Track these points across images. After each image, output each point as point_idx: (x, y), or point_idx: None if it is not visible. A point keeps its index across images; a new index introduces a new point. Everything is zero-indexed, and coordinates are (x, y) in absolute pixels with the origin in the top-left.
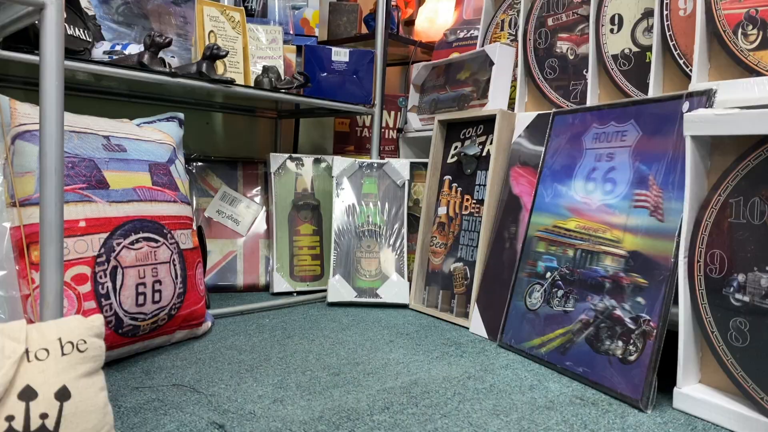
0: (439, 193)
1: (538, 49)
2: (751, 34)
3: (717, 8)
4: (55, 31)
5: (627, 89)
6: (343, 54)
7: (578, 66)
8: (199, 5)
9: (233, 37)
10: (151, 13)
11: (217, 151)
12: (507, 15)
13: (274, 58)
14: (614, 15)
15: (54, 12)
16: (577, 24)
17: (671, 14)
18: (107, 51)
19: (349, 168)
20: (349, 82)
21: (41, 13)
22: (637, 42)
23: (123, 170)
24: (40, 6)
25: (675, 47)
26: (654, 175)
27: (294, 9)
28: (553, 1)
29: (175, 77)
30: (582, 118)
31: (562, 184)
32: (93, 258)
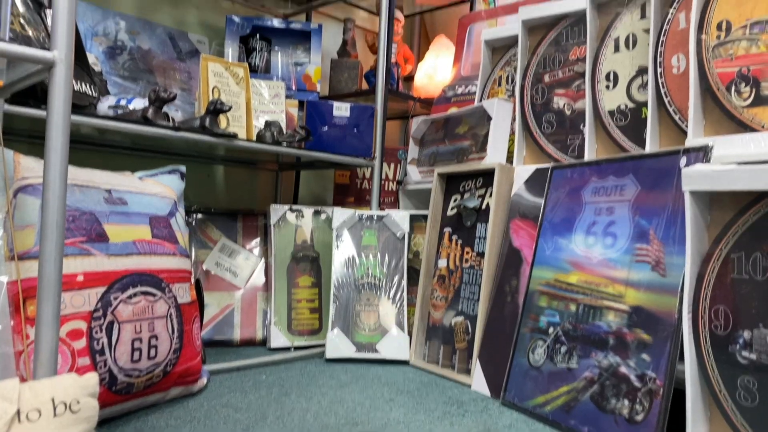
0: (439, 246)
1: (535, 104)
2: (744, 92)
3: (709, 66)
4: (64, 88)
5: (624, 144)
6: (344, 109)
7: (575, 121)
8: (204, 61)
9: (237, 92)
10: (156, 68)
11: (217, 203)
12: (504, 71)
13: (277, 113)
14: (609, 72)
15: (63, 70)
16: (573, 80)
17: (665, 72)
18: (112, 105)
19: (349, 220)
20: (349, 135)
21: (51, 71)
22: (633, 98)
23: (123, 223)
24: (50, 64)
25: (670, 103)
26: (654, 230)
27: (296, 65)
28: (549, 59)
29: (179, 131)
30: (580, 172)
31: (563, 237)
32: (89, 313)
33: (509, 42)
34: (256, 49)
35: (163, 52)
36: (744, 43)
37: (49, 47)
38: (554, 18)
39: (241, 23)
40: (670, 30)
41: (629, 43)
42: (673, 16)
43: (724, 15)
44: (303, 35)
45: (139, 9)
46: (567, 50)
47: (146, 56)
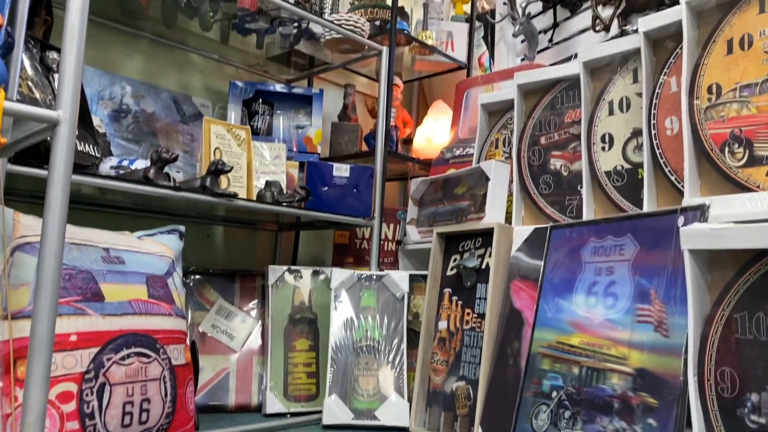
0: (439, 307)
1: (533, 165)
2: (738, 152)
3: (702, 128)
4: (66, 146)
5: (622, 204)
6: (344, 169)
7: (572, 182)
8: (207, 124)
9: (238, 153)
10: (159, 130)
11: (215, 263)
12: (501, 134)
13: (277, 173)
14: (605, 134)
15: (67, 129)
16: (569, 142)
17: (659, 133)
18: (114, 166)
19: (348, 280)
20: (349, 195)
21: (54, 129)
22: (629, 159)
23: (120, 282)
24: (54, 123)
25: (665, 164)
26: (655, 290)
27: (298, 128)
28: (545, 121)
29: (179, 191)
30: (579, 232)
31: (563, 298)
32: (81, 374)
33: (505, 106)
34: (259, 112)
35: (166, 115)
36: (735, 106)
37: (55, 108)
38: (549, 82)
39: (244, 88)
40: (662, 94)
41: (623, 106)
42: (664, 80)
43: (713, 79)
44: (304, 99)
45: (145, 74)
46: (562, 113)
47: (150, 119)
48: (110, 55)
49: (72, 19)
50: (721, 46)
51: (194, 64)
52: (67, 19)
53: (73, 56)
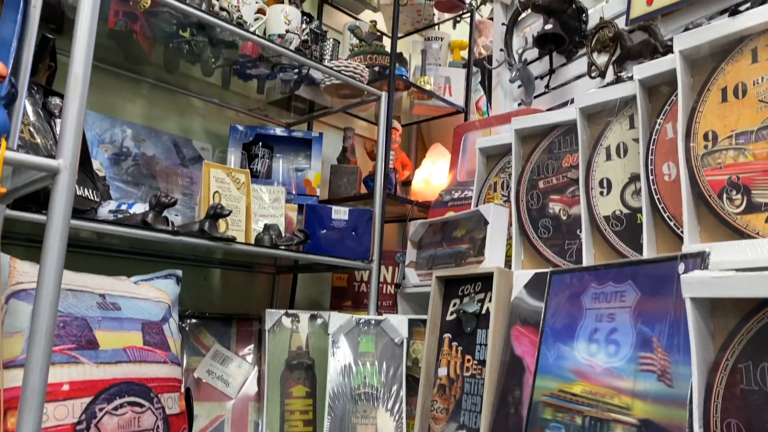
0: (439, 353)
1: (531, 209)
2: (736, 199)
3: (700, 175)
4: (66, 195)
5: (621, 249)
6: (342, 212)
7: (571, 226)
8: (206, 167)
9: (237, 197)
10: (159, 174)
11: (212, 307)
12: (499, 178)
13: (276, 216)
14: (603, 179)
15: (67, 177)
16: (567, 186)
17: (657, 179)
18: (113, 210)
19: (346, 325)
20: (348, 238)
21: (54, 178)
22: (627, 204)
23: (115, 329)
24: (55, 171)
25: (664, 209)
26: (657, 337)
27: (297, 171)
28: (543, 166)
29: (177, 235)
30: (580, 277)
31: (565, 344)
32: (72, 425)
33: (503, 150)
34: (259, 155)
35: (166, 159)
36: (731, 153)
37: (55, 155)
38: (546, 127)
39: (244, 131)
40: (659, 139)
41: (620, 151)
42: (660, 126)
43: (709, 126)
44: (304, 142)
45: (146, 118)
46: (560, 158)
47: (150, 162)
48: (112, 99)
49: (76, 68)
50: (715, 93)
51: (195, 108)
52: (71, 70)
53: (75, 106)
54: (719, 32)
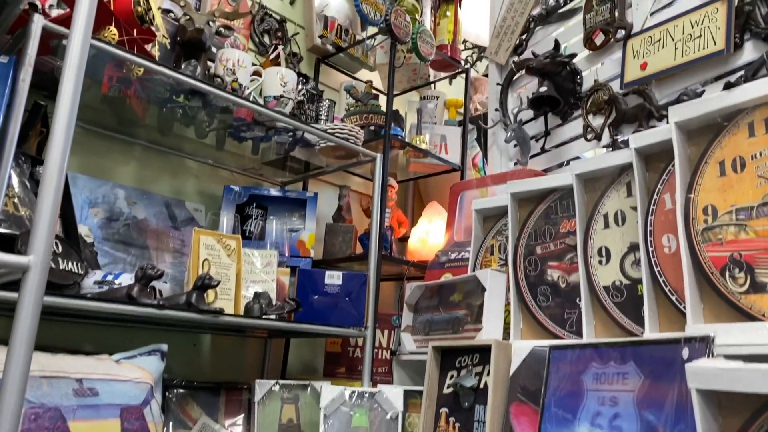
0: (435, 429)
1: (529, 276)
2: (739, 277)
3: (701, 250)
4: (35, 293)
5: (622, 322)
6: (336, 277)
7: (570, 294)
8: (196, 234)
9: (227, 264)
10: (149, 237)
11: (201, 373)
12: (496, 240)
13: (268, 282)
14: (601, 247)
15: (37, 275)
16: (565, 253)
17: (656, 251)
18: (98, 281)
19: (339, 398)
20: (341, 304)
21: (23, 276)
22: (627, 274)
23: (91, 418)
24: (24, 269)
25: (665, 283)
26: (663, 427)
27: (291, 231)
28: (540, 231)
29: (163, 309)
30: (580, 355)
31: (566, 428)
32: None
33: (499, 212)
34: (252, 216)
35: (158, 221)
36: (732, 229)
37: (26, 249)
38: (543, 192)
39: (238, 192)
40: (658, 210)
41: (618, 219)
42: (658, 196)
43: (708, 200)
44: (299, 202)
45: (138, 180)
46: (557, 223)
47: (141, 225)
48: (104, 162)
49: (50, 167)
50: (713, 167)
51: (189, 169)
52: (46, 165)
53: (50, 199)
54: (715, 105)
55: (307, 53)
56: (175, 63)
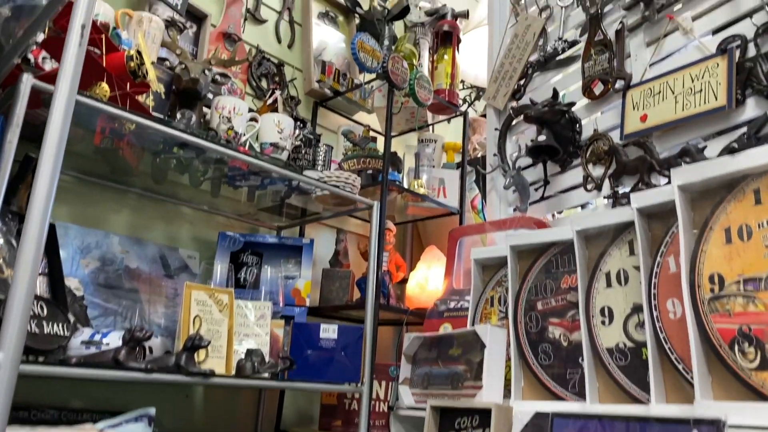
0: None
1: (530, 332)
2: (749, 352)
3: (708, 321)
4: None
5: (627, 387)
6: (331, 331)
7: (573, 353)
8: (188, 289)
9: (219, 320)
10: (141, 287)
11: (193, 425)
12: (496, 292)
13: (261, 335)
14: (604, 307)
15: (7, 373)
16: (567, 310)
17: (661, 316)
18: (86, 341)
19: None
20: (337, 358)
21: None
22: (631, 337)
23: None
24: None
25: (671, 350)
26: None
27: (286, 279)
28: (540, 285)
29: (151, 373)
30: (584, 426)
31: None
32: None
33: (499, 262)
34: (247, 264)
35: (151, 270)
36: (740, 300)
37: None
38: (543, 245)
39: (233, 239)
40: (661, 273)
41: (621, 279)
42: (662, 258)
43: (714, 268)
44: (295, 249)
45: (131, 228)
46: (558, 278)
47: (133, 275)
48: (97, 210)
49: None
50: (719, 233)
51: (183, 216)
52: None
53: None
54: (719, 170)
55: (305, 96)
56: (170, 112)
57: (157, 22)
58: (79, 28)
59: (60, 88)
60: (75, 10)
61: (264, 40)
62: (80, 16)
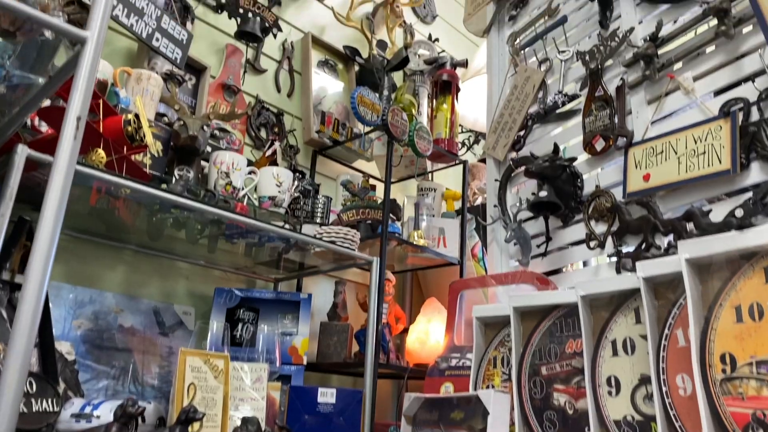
0: None
1: (534, 398)
2: None
3: (720, 403)
4: None
5: None
6: (329, 394)
7: (578, 422)
8: (182, 355)
9: (214, 387)
10: (135, 347)
11: None
12: (499, 352)
13: (258, 400)
14: (610, 377)
15: None
16: (572, 376)
17: (671, 391)
18: (76, 414)
19: None
20: (335, 421)
21: None
22: (639, 410)
23: None
24: None
25: (681, 429)
26: None
27: (284, 335)
28: (545, 350)
29: None
30: None
31: None
32: None
33: (502, 320)
34: (243, 320)
35: (145, 328)
36: (753, 383)
37: None
38: (546, 307)
39: (229, 295)
40: (670, 346)
41: (627, 347)
42: (670, 331)
43: (726, 347)
44: (292, 304)
45: (126, 285)
46: (562, 342)
47: (126, 334)
48: (91, 268)
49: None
50: (729, 311)
51: (179, 270)
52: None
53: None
54: (728, 245)
55: (304, 146)
56: (168, 168)
57: (156, 79)
58: (74, 120)
59: (54, 182)
60: (70, 101)
61: (263, 89)
62: (76, 108)
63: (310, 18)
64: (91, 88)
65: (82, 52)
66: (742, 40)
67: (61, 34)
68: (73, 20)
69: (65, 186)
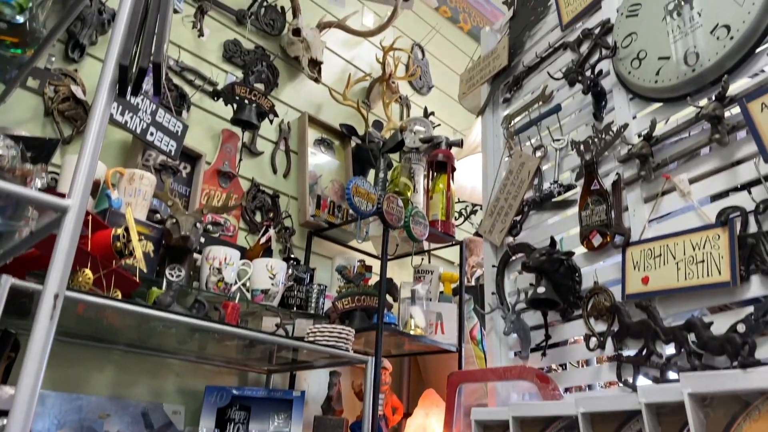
0: None
1: None
2: None
3: None
4: None
5: None
6: None
7: None
8: None
9: None
10: None
11: None
12: None
13: None
14: None
15: None
16: None
17: None
18: None
19: None
20: None
21: None
22: None
23: None
24: None
25: None
26: None
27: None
28: None
29: None
30: None
31: None
32: None
33: (501, 424)
34: (234, 420)
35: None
36: None
37: None
38: (546, 418)
39: (220, 394)
40: None
41: None
42: None
43: None
44: (284, 402)
45: (114, 386)
46: None
47: None
48: (78, 371)
49: None
50: None
51: (170, 367)
52: None
53: None
54: (733, 384)
55: (299, 228)
56: (159, 266)
57: (148, 178)
58: (51, 298)
59: (32, 352)
60: (49, 276)
61: (259, 171)
62: (53, 284)
63: (307, 97)
64: (70, 262)
65: (63, 220)
66: (736, 146)
67: (42, 206)
68: (68, 116)
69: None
